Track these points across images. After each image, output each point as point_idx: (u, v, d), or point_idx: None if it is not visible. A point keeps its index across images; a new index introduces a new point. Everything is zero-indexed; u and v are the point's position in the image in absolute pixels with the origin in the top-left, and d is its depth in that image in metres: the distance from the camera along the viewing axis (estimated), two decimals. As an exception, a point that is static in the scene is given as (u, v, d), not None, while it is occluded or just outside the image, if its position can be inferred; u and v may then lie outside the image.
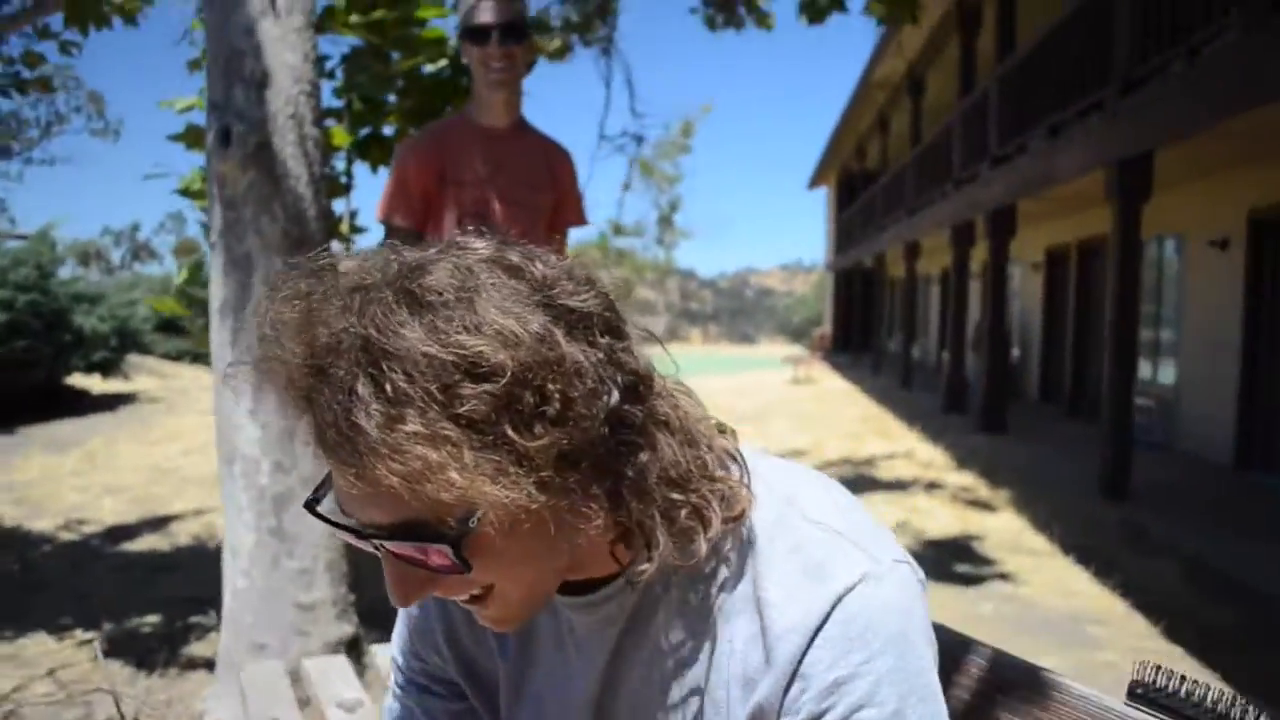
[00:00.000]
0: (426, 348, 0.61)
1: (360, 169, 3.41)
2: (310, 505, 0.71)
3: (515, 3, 2.61)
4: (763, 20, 6.65)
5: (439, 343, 0.61)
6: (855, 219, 23.78)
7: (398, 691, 0.98)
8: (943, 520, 6.52)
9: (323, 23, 3.03)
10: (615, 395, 0.67)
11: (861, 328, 26.46)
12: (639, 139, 5.53)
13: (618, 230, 43.01)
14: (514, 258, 0.68)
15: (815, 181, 30.57)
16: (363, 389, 0.61)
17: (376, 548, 0.67)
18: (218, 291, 2.81)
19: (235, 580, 2.87)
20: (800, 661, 0.73)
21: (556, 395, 0.63)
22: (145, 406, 13.25)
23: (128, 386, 14.79)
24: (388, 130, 3.36)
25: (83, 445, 9.43)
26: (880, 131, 20.30)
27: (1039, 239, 12.73)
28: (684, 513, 0.72)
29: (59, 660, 3.63)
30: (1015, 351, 13.57)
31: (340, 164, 3.33)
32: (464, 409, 0.61)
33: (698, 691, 0.78)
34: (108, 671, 3.48)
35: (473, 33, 2.59)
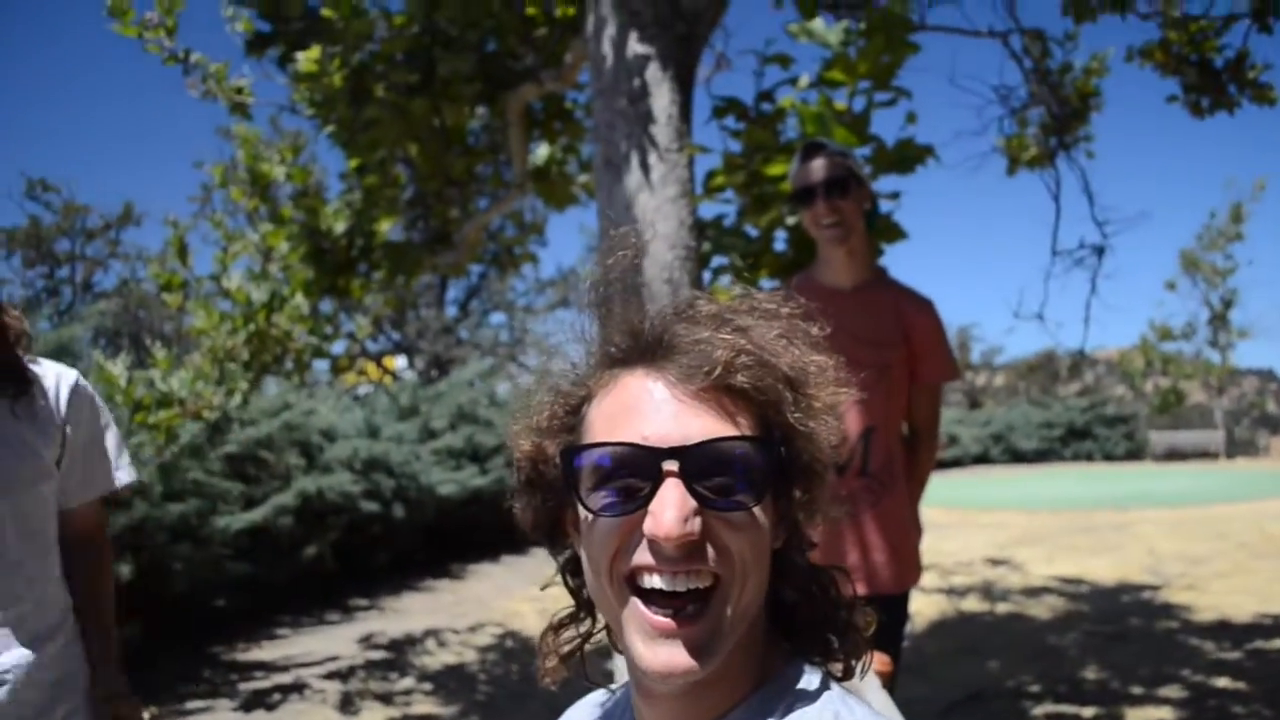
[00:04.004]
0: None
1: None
2: None
3: (838, 157, 2.59)
4: (1262, 95, 5.71)
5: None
6: None
7: None
8: None
9: (706, 188, 3.28)
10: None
11: None
12: (1100, 250, 5.00)
13: (1165, 335, 38.45)
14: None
15: None
16: None
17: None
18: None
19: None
20: None
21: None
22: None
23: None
24: (766, 284, 3.46)
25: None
26: None
27: None
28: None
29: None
30: None
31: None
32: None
33: None
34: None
35: (798, 195, 2.62)
